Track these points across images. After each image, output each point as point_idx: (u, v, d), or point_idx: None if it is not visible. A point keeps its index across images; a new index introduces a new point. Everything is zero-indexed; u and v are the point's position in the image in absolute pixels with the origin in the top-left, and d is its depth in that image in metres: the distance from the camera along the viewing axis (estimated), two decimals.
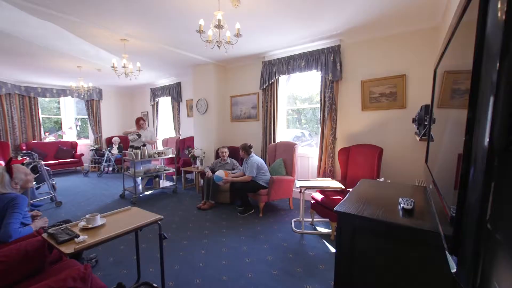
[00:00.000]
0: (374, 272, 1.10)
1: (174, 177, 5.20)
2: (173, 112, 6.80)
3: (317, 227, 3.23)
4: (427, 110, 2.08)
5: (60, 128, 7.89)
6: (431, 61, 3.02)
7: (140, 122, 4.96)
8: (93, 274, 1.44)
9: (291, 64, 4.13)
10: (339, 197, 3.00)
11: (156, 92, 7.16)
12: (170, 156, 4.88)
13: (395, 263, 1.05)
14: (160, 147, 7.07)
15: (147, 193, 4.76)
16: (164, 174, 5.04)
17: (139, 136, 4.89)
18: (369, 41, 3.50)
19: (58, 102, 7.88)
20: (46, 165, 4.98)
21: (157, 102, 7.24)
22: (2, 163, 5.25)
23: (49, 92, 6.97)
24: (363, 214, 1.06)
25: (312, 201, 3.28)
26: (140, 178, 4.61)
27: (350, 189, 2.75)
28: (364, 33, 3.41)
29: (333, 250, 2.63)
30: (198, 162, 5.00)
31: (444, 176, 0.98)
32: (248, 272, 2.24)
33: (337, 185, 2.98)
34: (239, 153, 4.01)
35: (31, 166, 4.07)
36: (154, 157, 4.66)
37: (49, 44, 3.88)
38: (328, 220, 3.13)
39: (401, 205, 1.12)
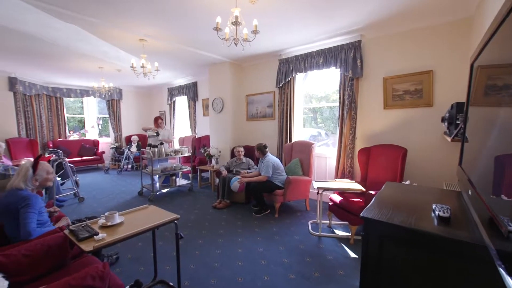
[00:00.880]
0: (404, 283, 1.01)
1: (190, 175, 5.26)
2: (189, 111, 6.88)
3: (335, 230, 3.11)
4: (459, 108, 1.92)
5: (83, 126, 8.24)
6: (462, 56, 2.81)
7: (158, 121, 5.05)
8: (111, 272, 1.46)
9: (308, 61, 4.02)
10: (359, 199, 2.87)
11: (173, 92, 7.28)
12: (186, 154, 4.94)
13: (428, 275, 0.95)
14: (176, 146, 7.19)
15: (164, 190, 4.84)
16: (180, 173, 5.10)
17: (157, 134, 4.98)
18: (392, 35, 3.31)
19: (82, 102, 8.24)
20: (70, 162, 5.21)
21: (174, 102, 7.36)
22: (31, 159, 5.55)
23: (73, 92, 7.29)
24: (393, 222, 0.97)
25: (330, 203, 3.17)
26: (157, 176, 4.70)
27: (372, 192, 2.64)
28: (387, 27, 3.24)
29: (353, 255, 2.52)
30: (213, 161, 5.01)
31: (489, 181, 0.87)
32: (264, 274, 2.19)
33: (357, 187, 2.85)
34: (255, 153, 3.96)
35: (56, 163, 4.27)
36: (171, 155, 4.72)
37: (73, 46, 4.03)
38: (347, 223, 3.01)
39: (436, 213, 1.02)
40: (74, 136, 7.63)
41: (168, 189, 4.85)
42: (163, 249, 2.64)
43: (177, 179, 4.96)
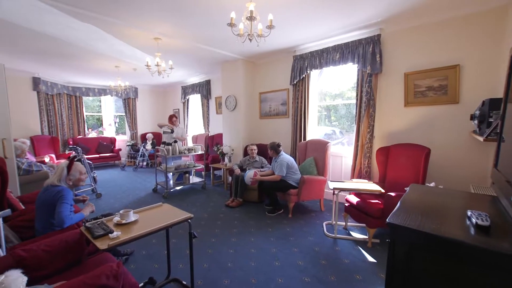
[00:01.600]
0: None
1: (203, 173, 5.28)
2: (202, 109, 6.91)
3: (351, 232, 3.00)
4: (493, 105, 1.77)
5: (101, 124, 8.50)
6: (495, 48, 2.61)
7: (172, 119, 5.10)
8: (126, 270, 1.45)
9: (324, 57, 3.89)
10: (377, 201, 2.74)
11: (187, 90, 7.34)
12: (199, 152, 4.96)
13: None
14: (190, 144, 7.26)
15: (178, 188, 4.89)
16: (194, 170, 5.14)
17: (172, 131, 5.04)
18: (415, 28, 3.13)
19: (100, 101, 8.50)
20: (88, 159, 5.38)
21: (188, 100, 7.43)
22: (53, 156, 5.79)
23: (91, 91, 7.53)
24: (424, 229, 0.88)
25: (346, 204, 3.06)
26: (171, 173, 4.76)
27: (392, 194, 2.50)
28: (409, 20, 3.07)
29: (371, 259, 2.41)
30: (226, 159, 5.01)
31: None
32: (278, 276, 2.14)
33: (376, 188, 2.73)
34: (268, 152, 3.90)
35: (75, 159, 4.40)
36: (184, 153, 4.76)
37: (91, 46, 4.13)
38: (364, 225, 2.90)
39: (473, 220, 0.92)
40: (93, 134, 7.90)
41: (181, 186, 4.89)
42: (176, 246, 2.65)
43: (190, 177, 5.00)
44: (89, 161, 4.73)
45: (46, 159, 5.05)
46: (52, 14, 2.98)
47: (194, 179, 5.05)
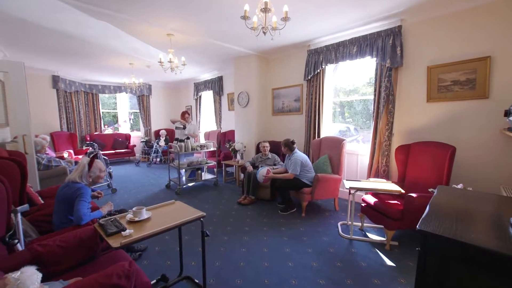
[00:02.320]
0: None
1: (215, 170, 5.28)
2: (214, 106, 6.90)
3: (368, 234, 2.88)
4: None
5: (117, 121, 8.71)
6: None
7: (185, 115, 5.12)
8: (138, 268, 1.44)
9: (340, 51, 3.74)
10: (396, 202, 2.61)
11: (199, 87, 7.35)
12: (211, 149, 4.95)
13: None
14: (202, 140, 7.29)
15: (190, 184, 4.91)
16: (206, 167, 5.14)
17: (184, 127, 5.05)
18: (439, 18, 2.93)
19: (115, 98, 8.69)
20: (104, 154, 5.51)
21: (200, 96, 7.44)
22: (71, 151, 5.99)
23: (107, 88, 7.70)
24: (463, 239, 0.78)
25: (363, 204, 2.94)
26: (183, 170, 4.78)
27: (413, 194, 2.37)
28: (433, 9, 2.87)
29: (389, 262, 2.29)
30: (238, 156, 4.97)
31: None
32: (292, 278, 2.08)
33: (395, 189, 2.59)
34: (281, 149, 3.81)
35: (92, 155, 4.52)
36: (197, 150, 4.76)
37: (106, 43, 4.19)
38: (382, 227, 2.77)
39: None
40: (109, 130, 8.09)
41: (194, 183, 4.91)
42: (189, 243, 2.64)
43: (203, 174, 5.01)
44: (105, 157, 4.84)
45: (65, 155, 5.22)
46: (70, 13, 3.02)
47: (206, 176, 5.06)
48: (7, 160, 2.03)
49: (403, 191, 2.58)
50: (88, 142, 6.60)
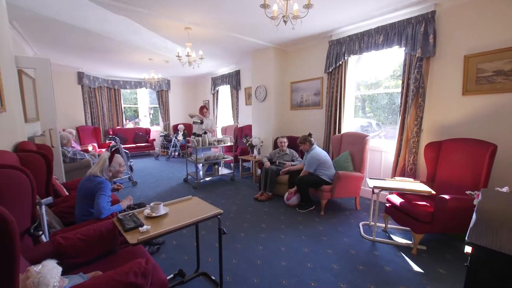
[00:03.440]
0: None
1: (232, 165, 5.26)
2: (231, 100, 6.87)
3: (392, 236, 2.72)
4: None
5: (137, 116, 8.96)
6: None
7: (203, 110, 5.12)
8: (155, 264, 1.43)
9: (364, 41, 3.51)
10: (425, 203, 2.42)
11: (216, 81, 7.33)
12: (228, 144, 4.92)
13: None
14: (219, 135, 7.31)
15: (207, 179, 4.94)
16: (223, 162, 5.14)
17: (202, 122, 5.06)
18: (479, 0, 2.62)
19: (136, 93, 8.93)
20: (126, 148, 5.69)
21: (217, 91, 7.43)
22: (95, 145, 6.24)
23: (128, 84, 7.92)
24: None
25: (387, 204, 2.76)
26: (201, 164, 4.81)
27: (446, 196, 2.17)
28: None
29: (416, 268, 2.13)
30: (255, 151, 4.91)
31: None
32: (311, 280, 1.99)
33: (425, 189, 2.39)
34: (299, 145, 3.68)
35: (114, 149, 4.66)
36: (214, 144, 4.76)
37: (126, 39, 4.25)
38: (408, 229, 2.59)
39: None
40: (130, 125, 8.35)
41: (211, 177, 4.93)
42: (205, 238, 2.63)
43: (220, 168, 5.01)
44: (126, 151, 4.98)
45: (90, 148, 5.44)
46: (93, 10, 3.08)
47: (223, 171, 5.06)
48: (34, 153, 2.11)
49: (433, 192, 2.38)
50: (110, 136, 6.86)
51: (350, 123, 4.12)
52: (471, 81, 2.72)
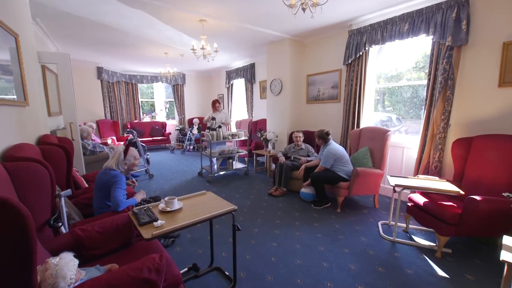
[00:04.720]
0: None
1: (246, 159, 5.23)
2: (246, 94, 6.80)
3: (413, 237, 2.57)
4: None
5: (154, 110, 9.14)
6: None
7: (216, 104, 5.10)
8: (169, 258, 1.42)
9: (388, 30, 3.29)
10: (451, 204, 2.25)
11: (231, 75, 7.28)
12: (242, 138, 4.88)
13: None
14: (233, 129, 7.29)
15: (221, 173, 4.95)
16: (237, 156, 5.12)
17: (214, 118, 5.05)
18: None
19: (152, 88, 9.09)
20: (143, 141, 5.82)
21: (232, 85, 7.38)
22: (114, 138, 6.44)
23: (145, 78, 8.05)
24: None
25: (409, 204, 2.62)
26: (215, 158, 4.82)
27: (477, 197, 2.00)
28: None
29: (441, 273, 2.00)
30: (270, 146, 4.84)
31: None
32: (327, 280, 1.92)
33: (453, 189, 2.23)
34: (315, 140, 3.57)
35: (131, 141, 4.77)
36: (228, 138, 4.74)
37: (142, 33, 4.28)
38: (432, 230, 2.44)
39: None
40: (147, 119, 8.54)
41: (225, 171, 4.94)
42: (219, 233, 2.63)
43: (234, 163, 5.00)
44: (143, 144, 5.09)
45: (109, 141, 5.62)
46: (109, 4, 3.09)
47: (237, 165, 5.05)
48: (55, 146, 2.17)
49: (462, 192, 2.21)
50: (128, 130, 7.04)
51: (369, 118, 3.93)
52: (510, 71, 2.47)
